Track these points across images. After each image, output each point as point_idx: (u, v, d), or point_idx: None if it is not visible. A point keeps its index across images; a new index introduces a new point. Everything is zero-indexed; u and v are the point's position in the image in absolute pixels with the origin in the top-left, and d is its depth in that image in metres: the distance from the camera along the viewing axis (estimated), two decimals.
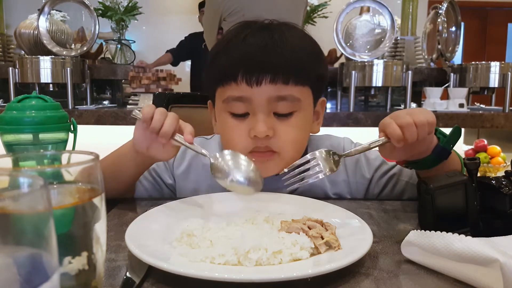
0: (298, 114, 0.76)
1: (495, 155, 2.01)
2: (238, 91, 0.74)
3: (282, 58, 0.73)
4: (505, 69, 2.30)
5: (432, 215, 0.58)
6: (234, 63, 0.74)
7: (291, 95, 0.74)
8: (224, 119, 0.78)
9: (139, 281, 0.47)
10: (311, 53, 0.79)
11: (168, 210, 0.67)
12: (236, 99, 0.75)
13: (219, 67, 0.78)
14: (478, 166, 0.59)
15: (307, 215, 0.60)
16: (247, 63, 0.73)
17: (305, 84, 0.76)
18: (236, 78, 0.73)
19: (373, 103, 2.79)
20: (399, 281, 0.48)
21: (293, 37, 0.78)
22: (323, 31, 2.83)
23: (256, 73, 0.72)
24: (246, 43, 0.75)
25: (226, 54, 0.77)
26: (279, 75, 0.72)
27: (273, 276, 0.45)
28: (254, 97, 0.73)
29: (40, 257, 0.25)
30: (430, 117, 0.65)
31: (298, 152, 0.80)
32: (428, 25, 2.64)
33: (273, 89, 0.73)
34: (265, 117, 0.74)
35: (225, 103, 0.76)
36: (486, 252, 0.43)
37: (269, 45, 0.74)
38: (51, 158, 0.41)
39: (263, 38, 0.75)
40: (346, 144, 0.91)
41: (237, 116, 0.76)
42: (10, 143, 0.65)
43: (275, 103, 0.74)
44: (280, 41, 0.75)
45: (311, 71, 0.77)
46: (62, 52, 2.34)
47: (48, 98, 0.69)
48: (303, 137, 0.81)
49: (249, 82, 0.72)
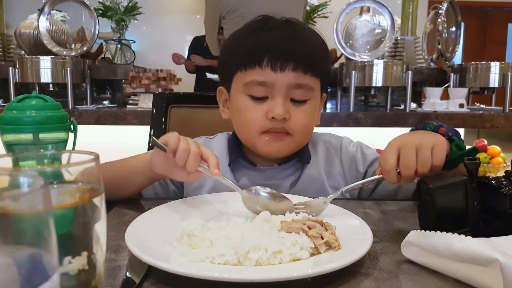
0: (310, 102, 0.82)
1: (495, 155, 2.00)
2: (262, 75, 0.79)
3: (304, 49, 0.80)
4: (505, 69, 2.30)
5: (432, 215, 0.58)
6: (260, 48, 0.79)
7: (307, 84, 0.80)
8: (242, 101, 0.82)
9: (139, 281, 0.47)
10: (325, 49, 0.87)
11: (168, 210, 0.67)
12: (259, 83, 0.79)
13: (244, 51, 0.82)
14: (478, 166, 0.59)
15: (307, 215, 0.60)
16: (273, 48, 0.78)
17: (318, 76, 0.82)
18: (261, 62, 0.78)
19: (373, 103, 2.78)
20: (399, 281, 0.48)
21: (310, 32, 0.86)
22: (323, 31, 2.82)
23: (281, 59, 0.77)
24: (271, 33, 0.81)
25: (252, 39, 0.82)
26: (300, 64, 0.78)
27: (273, 276, 0.45)
28: (276, 82, 0.78)
29: (40, 257, 0.25)
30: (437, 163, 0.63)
31: (307, 136, 0.87)
32: (428, 25, 2.64)
33: (294, 77, 0.78)
34: (283, 101, 0.79)
35: (247, 86, 0.81)
36: (486, 252, 0.43)
37: (292, 36, 0.80)
38: (51, 158, 0.41)
39: (287, 30, 0.82)
40: (344, 141, 0.94)
41: (257, 99, 0.81)
42: (10, 143, 0.65)
43: (293, 90, 0.79)
44: (301, 34, 0.82)
45: (323, 65, 0.85)
46: (62, 52, 2.34)
47: (48, 98, 0.69)
48: (312, 124, 0.86)
49: (273, 67, 0.78)
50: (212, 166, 0.67)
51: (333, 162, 0.91)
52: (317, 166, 0.90)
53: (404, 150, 0.64)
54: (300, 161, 0.89)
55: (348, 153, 0.92)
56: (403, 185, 0.86)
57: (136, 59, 3.00)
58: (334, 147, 0.93)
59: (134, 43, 3.22)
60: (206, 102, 1.26)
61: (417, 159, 0.63)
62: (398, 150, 0.65)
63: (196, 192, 0.87)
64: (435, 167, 0.64)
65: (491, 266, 0.42)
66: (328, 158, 0.92)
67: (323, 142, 0.94)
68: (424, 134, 0.69)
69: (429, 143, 0.64)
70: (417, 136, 0.68)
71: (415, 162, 0.63)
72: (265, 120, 0.80)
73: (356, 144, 0.94)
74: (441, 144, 0.65)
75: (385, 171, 0.64)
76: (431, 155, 0.64)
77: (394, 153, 0.64)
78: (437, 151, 0.64)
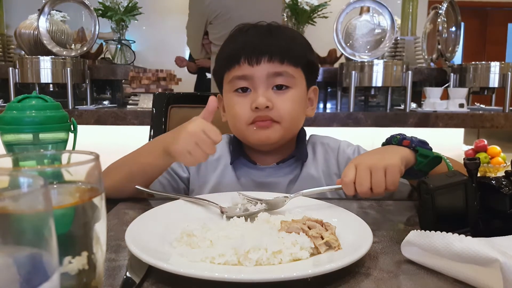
0: (292, 90, 0.87)
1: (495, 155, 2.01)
2: (241, 71, 0.86)
3: (278, 43, 0.87)
4: (505, 69, 2.30)
5: (432, 215, 0.58)
6: (237, 49, 0.87)
7: (286, 71, 0.86)
8: (230, 99, 0.89)
9: (139, 281, 0.47)
10: (302, 43, 0.93)
11: (168, 210, 0.67)
12: (239, 78, 0.86)
13: (225, 55, 0.91)
14: (478, 166, 0.59)
15: (307, 215, 0.60)
16: (248, 47, 0.86)
17: (297, 65, 0.88)
18: (239, 60, 0.86)
19: (373, 103, 2.78)
20: (399, 281, 0.48)
21: (287, 30, 0.94)
22: (323, 31, 2.83)
23: (256, 54, 0.85)
24: (247, 34, 0.90)
25: (232, 43, 0.91)
26: (275, 55, 0.85)
27: (273, 276, 0.45)
28: (254, 74, 0.85)
29: (40, 257, 0.25)
30: (390, 185, 0.69)
31: (295, 124, 0.91)
32: (428, 25, 2.64)
33: (270, 67, 0.85)
34: (264, 91, 0.85)
35: (231, 83, 0.88)
36: (486, 252, 0.43)
37: (266, 33, 0.89)
38: (51, 158, 0.41)
39: (262, 29, 0.90)
40: (342, 144, 0.98)
41: (241, 92, 0.87)
42: (10, 143, 0.65)
43: (273, 78, 0.86)
44: (276, 31, 0.90)
45: (302, 56, 0.90)
46: (62, 52, 2.34)
47: (48, 98, 0.69)
48: (299, 112, 0.90)
49: (250, 62, 0.85)
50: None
51: (330, 163, 0.95)
52: (316, 166, 0.94)
53: (359, 170, 0.70)
54: (298, 160, 0.93)
55: (345, 154, 0.96)
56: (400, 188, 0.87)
57: (136, 59, 2.99)
58: (332, 149, 0.97)
59: (134, 43, 3.21)
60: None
61: (371, 180, 0.68)
62: (355, 174, 0.70)
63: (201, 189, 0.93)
64: (388, 190, 0.69)
65: (491, 266, 0.42)
66: (326, 158, 0.96)
67: (322, 144, 0.98)
68: (383, 154, 0.73)
69: (382, 164, 0.69)
70: (373, 156, 0.73)
71: (369, 181, 0.68)
72: (251, 111, 0.85)
73: (354, 147, 0.98)
74: (393, 166, 0.69)
75: (344, 183, 0.70)
76: (385, 178, 0.68)
77: (352, 170, 0.70)
78: (389, 173, 0.69)
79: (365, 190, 0.68)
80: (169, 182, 0.95)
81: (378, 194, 0.69)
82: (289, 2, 2.73)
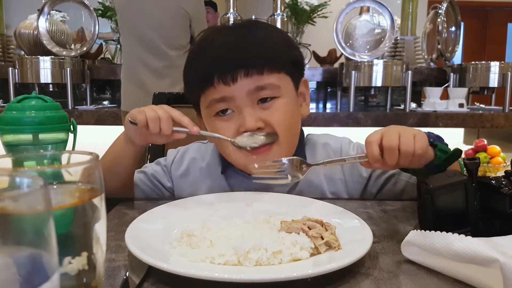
0: (281, 100, 0.77)
1: (495, 155, 2.00)
2: (218, 93, 0.75)
3: (252, 51, 0.75)
4: (505, 69, 2.30)
5: (432, 215, 0.58)
6: (207, 67, 0.76)
7: (269, 83, 0.75)
8: (212, 124, 0.79)
9: (139, 281, 0.47)
10: (279, 41, 0.81)
11: (168, 210, 0.67)
12: (218, 101, 0.76)
13: (195, 75, 0.80)
14: (478, 166, 0.59)
15: (307, 215, 0.60)
16: (219, 64, 0.75)
17: (280, 70, 0.77)
18: (212, 81, 0.75)
19: (373, 103, 2.78)
20: (399, 281, 0.48)
21: (259, 29, 0.81)
22: (323, 31, 2.83)
23: (230, 71, 0.73)
24: (214, 45, 0.78)
25: (199, 61, 0.79)
26: (251, 68, 0.74)
27: (273, 276, 0.45)
28: (234, 94, 0.74)
29: (40, 257, 0.25)
30: (419, 149, 0.63)
31: (294, 134, 0.82)
32: (428, 25, 2.64)
33: (250, 82, 0.74)
34: (250, 109, 0.75)
35: (209, 108, 0.78)
36: (486, 252, 0.43)
37: (236, 42, 0.76)
38: (51, 158, 0.41)
39: (229, 38, 0.78)
40: (344, 143, 0.90)
41: (222, 115, 0.77)
42: (10, 143, 0.65)
43: (256, 94, 0.75)
44: (248, 35, 0.78)
45: (282, 57, 0.78)
46: (62, 53, 2.34)
47: (48, 98, 0.69)
48: (294, 121, 0.80)
49: (225, 82, 0.74)
50: (189, 125, 0.71)
51: (333, 167, 0.87)
52: (316, 171, 0.85)
53: (387, 132, 0.65)
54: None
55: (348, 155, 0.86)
56: (407, 188, 0.84)
57: None
58: (334, 150, 0.89)
59: None
60: None
61: (400, 141, 0.63)
62: (382, 134, 0.65)
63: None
64: (417, 154, 0.63)
65: (491, 266, 0.42)
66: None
67: (323, 145, 0.89)
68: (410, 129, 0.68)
69: (411, 131, 0.65)
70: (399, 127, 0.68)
71: (398, 139, 0.63)
72: (240, 135, 0.75)
73: (356, 145, 0.90)
74: (422, 136, 0.65)
75: (368, 142, 0.64)
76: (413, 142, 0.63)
77: (378, 133, 0.65)
78: (418, 139, 0.64)
79: (394, 145, 0.62)
80: (153, 191, 0.89)
81: (406, 155, 0.62)
82: (289, 2, 2.73)
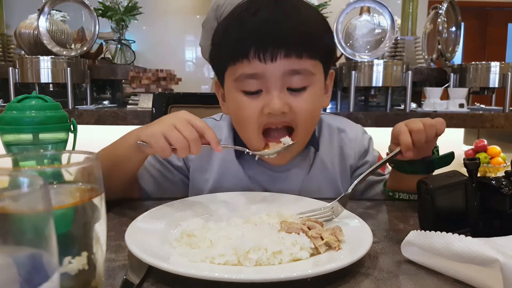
0: (311, 89, 0.74)
1: (495, 155, 2.01)
2: (251, 68, 0.71)
3: (295, 32, 0.71)
4: (505, 69, 2.29)
5: (432, 215, 0.58)
6: (245, 39, 0.71)
7: (305, 69, 0.72)
8: (236, 98, 0.75)
9: (139, 281, 0.47)
10: (322, 26, 0.77)
11: (168, 210, 0.67)
12: (249, 77, 0.72)
13: (229, 45, 0.74)
14: (478, 166, 0.59)
15: (306, 215, 0.60)
16: (259, 38, 0.70)
17: (317, 58, 0.74)
18: (248, 55, 0.70)
19: (373, 103, 2.78)
20: (399, 281, 0.48)
21: (304, 9, 0.75)
22: None
23: (270, 48, 0.69)
24: (257, 17, 0.72)
25: (236, 30, 0.73)
26: (292, 49, 0.70)
27: (273, 276, 0.45)
28: (268, 73, 0.71)
29: (40, 257, 0.25)
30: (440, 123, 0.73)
31: (312, 126, 0.81)
32: (428, 25, 2.63)
33: (287, 64, 0.70)
34: (279, 93, 0.71)
35: (237, 81, 0.74)
36: (486, 252, 0.43)
37: (280, 18, 0.71)
38: (51, 158, 0.41)
39: (274, 12, 0.72)
40: (359, 133, 0.92)
41: (250, 93, 0.73)
42: (10, 143, 0.65)
43: (289, 78, 0.72)
44: (292, 14, 0.72)
45: (322, 45, 0.76)
46: (62, 52, 2.33)
47: (48, 98, 0.69)
48: (317, 111, 0.79)
49: (262, 59, 0.70)
50: (213, 144, 0.66)
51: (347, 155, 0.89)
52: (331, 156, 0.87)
53: (409, 121, 0.72)
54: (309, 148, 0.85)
55: (362, 145, 0.91)
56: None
57: (136, 59, 2.99)
58: (350, 139, 0.90)
59: (134, 43, 3.21)
60: (206, 102, 1.26)
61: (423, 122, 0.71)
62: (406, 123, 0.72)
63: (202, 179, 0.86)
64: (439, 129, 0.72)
65: (491, 266, 0.42)
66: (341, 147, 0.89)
67: (339, 131, 0.90)
68: None
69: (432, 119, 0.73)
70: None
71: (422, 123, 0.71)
72: (262, 116, 0.73)
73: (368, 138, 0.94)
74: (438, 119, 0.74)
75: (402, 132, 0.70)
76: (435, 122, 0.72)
77: (402, 124, 0.72)
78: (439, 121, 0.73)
79: (421, 127, 0.70)
80: (161, 174, 0.86)
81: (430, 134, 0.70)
82: None
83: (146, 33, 4.69)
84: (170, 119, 0.67)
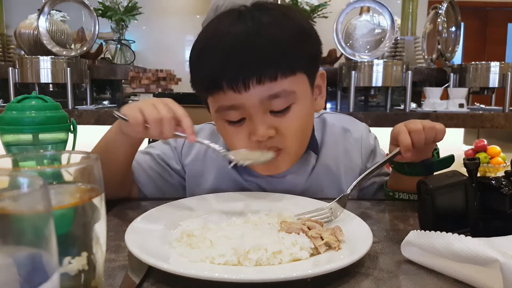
0: (296, 106, 0.71)
1: (495, 155, 2.01)
2: (227, 100, 0.69)
3: (265, 54, 0.66)
4: (505, 69, 2.29)
5: (432, 215, 0.58)
6: (215, 71, 0.69)
7: (283, 90, 0.68)
8: (222, 126, 0.74)
9: (139, 281, 0.47)
10: (295, 35, 0.70)
11: (168, 210, 0.67)
12: (228, 108, 0.70)
13: (202, 77, 0.73)
14: (478, 166, 0.59)
15: (306, 215, 0.60)
16: (229, 70, 0.67)
17: (296, 71, 0.70)
18: (222, 87, 0.68)
19: (373, 103, 2.78)
20: (399, 281, 0.48)
21: (271, 21, 0.69)
22: (323, 31, 2.82)
23: (241, 77, 0.66)
24: (222, 44, 0.69)
25: (205, 63, 0.71)
26: (265, 73, 0.66)
27: (273, 276, 0.45)
28: (245, 102, 0.68)
29: (40, 257, 0.25)
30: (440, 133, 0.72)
31: (303, 142, 0.78)
32: (428, 25, 2.63)
33: (262, 90, 0.67)
34: (262, 117, 0.69)
35: (219, 112, 0.73)
36: (486, 252, 0.43)
37: (245, 41, 0.67)
38: (51, 158, 0.41)
39: (240, 34, 0.68)
40: (364, 133, 0.91)
41: (234, 122, 0.72)
42: (10, 143, 0.65)
43: (269, 102, 0.69)
44: (257, 32, 0.67)
45: (299, 56, 0.70)
46: (62, 52, 2.33)
47: (48, 98, 0.69)
48: (307, 125, 0.77)
49: (235, 89, 0.67)
50: (188, 130, 0.65)
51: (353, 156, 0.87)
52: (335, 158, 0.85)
53: (408, 121, 0.73)
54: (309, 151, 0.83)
55: (369, 145, 0.89)
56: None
57: (136, 59, 2.99)
58: (355, 140, 0.88)
59: (134, 43, 3.22)
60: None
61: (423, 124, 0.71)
62: (405, 124, 0.72)
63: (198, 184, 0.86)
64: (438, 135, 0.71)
65: (491, 266, 0.42)
66: (347, 149, 0.87)
67: (343, 131, 0.88)
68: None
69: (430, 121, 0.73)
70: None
71: (421, 124, 0.71)
72: (250, 142, 0.71)
73: (373, 136, 0.93)
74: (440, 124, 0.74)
75: (400, 132, 0.71)
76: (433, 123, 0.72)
77: (401, 125, 0.73)
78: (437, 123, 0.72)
79: (419, 127, 0.70)
80: (160, 175, 0.86)
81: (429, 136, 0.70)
82: (289, 2, 2.73)
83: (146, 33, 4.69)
84: (152, 100, 0.67)
